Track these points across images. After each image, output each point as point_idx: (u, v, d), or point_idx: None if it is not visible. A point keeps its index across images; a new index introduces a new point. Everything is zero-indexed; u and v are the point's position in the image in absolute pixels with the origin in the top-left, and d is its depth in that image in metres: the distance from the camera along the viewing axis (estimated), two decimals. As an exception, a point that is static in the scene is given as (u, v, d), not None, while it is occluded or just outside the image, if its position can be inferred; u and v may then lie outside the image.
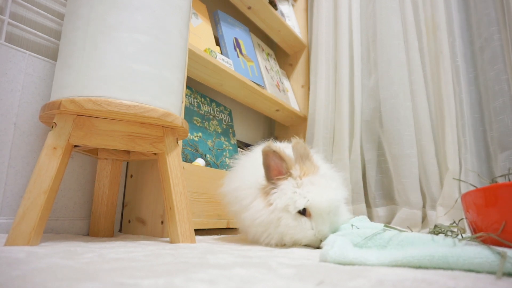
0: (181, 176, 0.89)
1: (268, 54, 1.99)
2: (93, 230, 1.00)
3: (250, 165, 0.97)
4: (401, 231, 0.66)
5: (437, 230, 0.67)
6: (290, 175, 0.84)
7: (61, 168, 0.74)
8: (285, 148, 0.92)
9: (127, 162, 1.22)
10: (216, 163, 1.45)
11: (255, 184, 0.88)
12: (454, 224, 0.67)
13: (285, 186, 0.83)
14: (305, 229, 0.80)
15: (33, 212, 0.69)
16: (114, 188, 1.02)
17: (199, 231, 1.23)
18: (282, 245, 0.84)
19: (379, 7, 1.75)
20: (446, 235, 0.64)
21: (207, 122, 1.50)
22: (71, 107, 0.73)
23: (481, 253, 0.44)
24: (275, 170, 0.86)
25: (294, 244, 0.83)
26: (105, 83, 0.76)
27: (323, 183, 0.84)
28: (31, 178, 0.71)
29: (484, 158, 1.44)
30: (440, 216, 1.39)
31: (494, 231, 0.52)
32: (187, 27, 0.96)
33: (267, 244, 0.84)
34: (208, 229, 1.27)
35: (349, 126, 1.76)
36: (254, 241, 0.90)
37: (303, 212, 0.81)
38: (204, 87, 1.64)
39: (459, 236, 0.62)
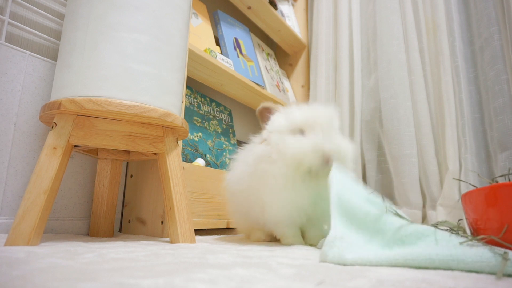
0: (181, 176, 0.89)
1: (268, 54, 1.99)
2: (93, 230, 1.00)
3: (250, 154, 0.95)
4: (406, 219, 0.64)
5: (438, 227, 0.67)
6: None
7: (61, 168, 0.74)
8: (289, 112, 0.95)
9: (127, 162, 1.22)
10: (216, 163, 1.45)
11: (249, 163, 0.89)
12: (457, 225, 0.67)
13: (275, 116, 0.88)
14: (303, 143, 0.77)
15: (33, 212, 0.69)
16: (114, 188, 1.02)
17: (199, 231, 1.23)
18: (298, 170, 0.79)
19: (379, 7, 1.75)
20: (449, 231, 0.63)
21: (207, 122, 1.50)
22: (71, 107, 0.73)
23: (482, 256, 0.44)
24: (267, 120, 0.92)
25: (300, 165, 0.78)
26: (105, 83, 0.76)
27: (317, 106, 0.87)
28: (31, 178, 0.71)
29: (484, 158, 1.43)
30: (440, 216, 1.39)
31: (494, 231, 0.52)
32: (187, 27, 0.96)
33: (280, 174, 0.79)
34: (208, 229, 1.27)
35: (349, 126, 1.76)
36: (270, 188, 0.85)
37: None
38: (204, 87, 1.64)
39: (461, 235, 0.62)
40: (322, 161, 0.77)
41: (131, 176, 1.20)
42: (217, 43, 1.61)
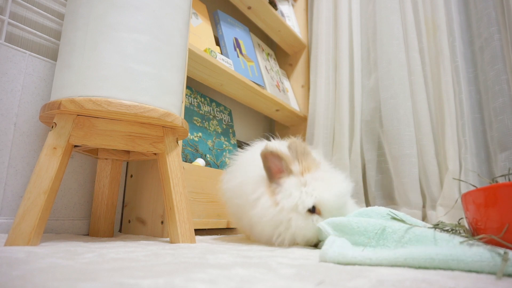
0: (181, 176, 0.89)
1: (268, 54, 1.99)
2: (93, 230, 1.00)
3: (251, 161, 0.96)
4: (407, 223, 0.65)
5: (440, 227, 0.67)
6: (291, 172, 0.83)
7: (61, 168, 0.74)
8: (281, 146, 0.92)
9: (127, 162, 1.22)
10: (216, 163, 1.45)
11: (259, 178, 0.87)
12: (457, 224, 0.67)
13: (288, 185, 0.82)
14: (316, 227, 0.79)
15: (33, 212, 0.69)
16: (114, 188, 1.02)
17: (199, 231, 1.23)
18: (295, 244, 0.83)
19: (379, 7, 1.75)
20: (449, 232, 0.63)
21: (207, 122, 1.50)
22: (71, 107, 0.73)
23: (482, 256, 0.44)
24: (275, 170, 0.85)
25: (307, 243, 0.82)
26: (105, 83, 0.76)
27: (328, 177, 0.83)
28: (31, 178, 0.71)
29: (484, 158, 1.43)
30: (440, 216, 1.39)
31: (494, 230, 0.52)
32: (187, 27, 0.96)
33: (280, 245, 0.82)
34: (208, 229, 1.27)
35: (349, 126, 1.76)
36: (258, 240, 0.90)
37: (313, 209, 0.80)
38: (204, 87, 1.64)
39: (461, 234, 0.62)
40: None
41: (131, 176, 1.20)
42: (217, 43, 1.61)
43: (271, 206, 0.81)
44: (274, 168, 0.85)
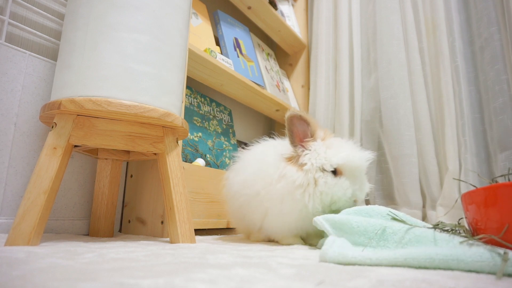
0: (181, 176, 0.89)
1: (268, 54, 1.99)
2: (93, 230, 1.00)
3: (260, 153, 0.97)
4: (408, 223, 0.65)
5: (440, 227, 0.67)
6: (317, 137, 0.88)
7: (61, 168, 0.74)
8: (283, 145, 0.92)
9: (127, 162, 1.22)
10: (216, 163, 1.45)
11: (277, 158, 0.89)
12: (457, 224, 0.67)
13: (316, 146, 0.85)
14: (344, 187, 0.82)
15: (33, 212, 0.69)
16: (114, 188, 1.02)
17: (199, 231, 1.23)
18: (329, 209, 0.83)
19: (379, 7, 1.75)
20: (449, 232, 0.63)
21: (207, 122, 1.50)
22: (71, 107, 0.73)
23: (482, 256, 0.44)
24: (299, 135, 0.88)
25: (332, 204, 0.83)
26: (105, 83, 0.76)
27: (350, 144, 0.88)
28: (31, 178, 0.71)
29: (484, 158, 1.43)
30: (440, 216, 1.39)
31: (493, 230, 0.52)
32: (187, 27, 0.96)
33: (313, 207, 0.82)
34: (208, 229, 1.27)
35: (349, 126, 1.76)
36: (273, 229, 0.90)
37: (334, 172, 0.83)
38: (204, 87, 1.64)
39: (461, 234, 0.62)
40: (352, 204, 0.84)
41: (131, 176, 1.20)
42: (217, 43, 1.61)
43: (298, 171, 0.84)
44: (296, 132, 0.88)
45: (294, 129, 0.88)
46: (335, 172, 0.83)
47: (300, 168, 0.84)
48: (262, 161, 0.92)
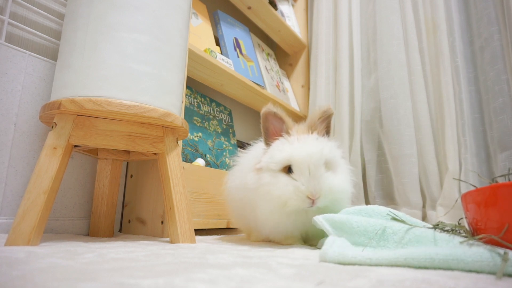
0: (181, 176, 0.89)
1: (268, 54, 1.99)
2: (93, 230, 1.00)
3: (252, 160, 0.95)
4: (408, 223, 0.65)
5: (440, 227, 0.67)
6: (289, 135, 0.81)
7: (61, 168, 0.74)
8: (283, 144, 0.91)
9: (127, 162, 1.22)
10: (216, 163, 1.45)
11: (251, 165, 0.87)
12: (457, 224, 0.67)
13: (275, 144, 0.80)
14: (283, 184, 0.76)
15: (33, 212, 0.69)
16: (114, 188, 1.02)
17: (199, 231, 1.23)
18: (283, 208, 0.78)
19: (379, 7, 1.75)
20: (449, 232, 0.63)
21: (207, 122, 1.50)
22: (71, 107, 0.73)
23: (482, 256, 0.44)
24: (273, 132, 0.83)
25: (286, 205, 0.77)
26: (105, 83, 0.76)
27: (311, 140, 0.79)
28: (31, 178, 0.71)
29: (484, 158, 1.44)
30: (440, 216, 1.39)
31: (493, 230, 0.52)
32: (187, 27, 0.96)
33: (265, 210, 0.79)
34: (208, 229, 1.27)
35: (349, 126, 1.76)
36: (262, 229, 0.87)
37: (290, 170, 0.77)
38: (204, 87, 1.64)
39: (461, 234, 0.62)
40: (307, 202, 0.76)
41: (131, 176, 1.20)
42: (217, 43, 1.61)
43: (255, 175, 0.80)
44: (272, 130, 0.83)
45: (270, 127, 0.83)
46: (290, 171, 0.77)
47: (257, 172, 0.80)
48: (246, 167, 0.90)
